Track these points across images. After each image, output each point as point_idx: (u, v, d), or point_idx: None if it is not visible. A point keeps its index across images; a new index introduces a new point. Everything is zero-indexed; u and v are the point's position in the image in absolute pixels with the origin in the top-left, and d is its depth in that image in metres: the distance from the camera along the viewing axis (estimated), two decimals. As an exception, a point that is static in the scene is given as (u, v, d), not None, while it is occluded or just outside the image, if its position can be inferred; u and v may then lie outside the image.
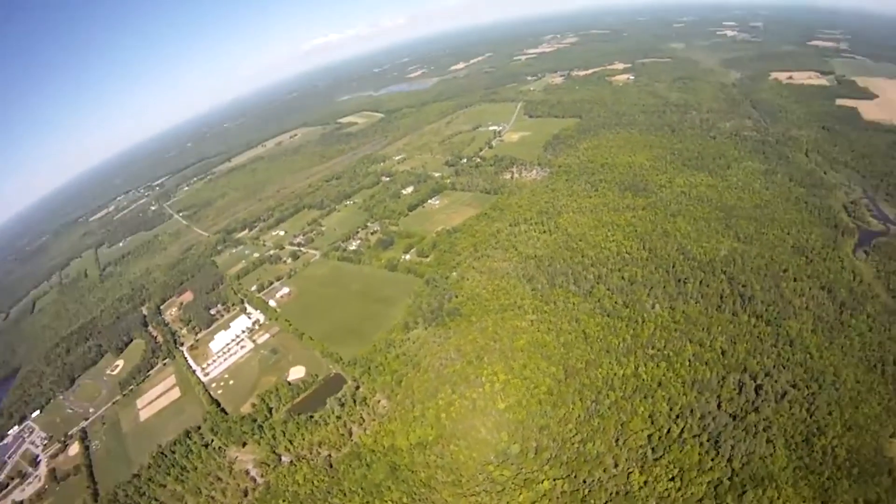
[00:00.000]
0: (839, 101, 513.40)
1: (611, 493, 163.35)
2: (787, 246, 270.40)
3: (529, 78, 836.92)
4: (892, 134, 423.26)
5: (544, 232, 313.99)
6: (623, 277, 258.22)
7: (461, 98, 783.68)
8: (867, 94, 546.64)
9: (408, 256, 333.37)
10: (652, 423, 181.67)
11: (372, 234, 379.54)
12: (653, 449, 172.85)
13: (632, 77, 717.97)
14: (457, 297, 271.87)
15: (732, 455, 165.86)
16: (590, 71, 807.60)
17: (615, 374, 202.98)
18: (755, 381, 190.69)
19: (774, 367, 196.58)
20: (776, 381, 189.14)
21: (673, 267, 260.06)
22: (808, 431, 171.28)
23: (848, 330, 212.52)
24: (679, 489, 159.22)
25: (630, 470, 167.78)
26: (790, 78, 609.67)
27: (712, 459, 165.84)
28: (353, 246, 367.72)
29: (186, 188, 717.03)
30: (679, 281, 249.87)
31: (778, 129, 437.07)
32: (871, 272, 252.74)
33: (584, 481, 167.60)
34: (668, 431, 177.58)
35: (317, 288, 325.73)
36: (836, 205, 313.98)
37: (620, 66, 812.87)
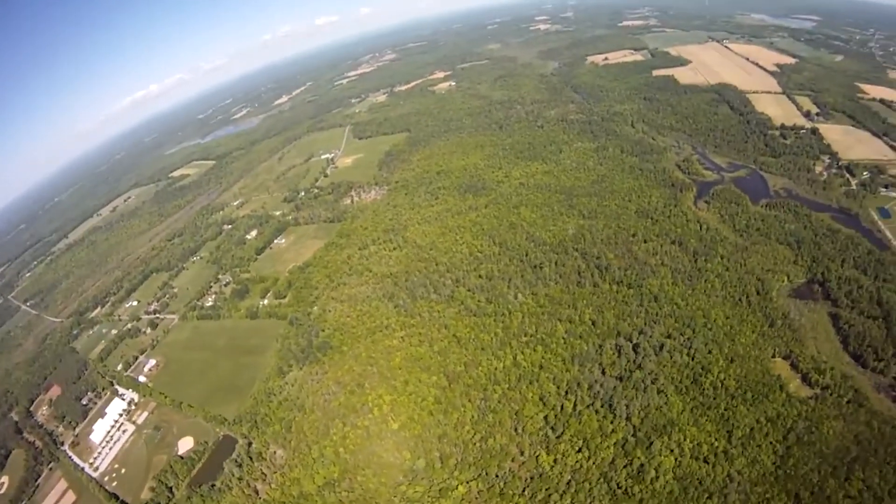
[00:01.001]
0: (656, 73, 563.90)
1: (525, 480, 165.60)
2: (631, 212, 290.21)
3: (353, 100, 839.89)
4: (709, 93, 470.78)
5: (394, 249, 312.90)
6: (481, 276, 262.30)
7: (289, 131, 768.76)
8: (681, 62, 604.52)
9: (266, 301, 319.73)
10: (544, 404, 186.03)
11: (225, 285, 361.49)
12: (552, 428, 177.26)
13: (453, 83, 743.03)
14: (323, 331, 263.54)
15: (629, 413, 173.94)
16: (412, 84, 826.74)
17: (496, 369, 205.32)
18: (631, 342, 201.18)
19: (646, 324, 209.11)
20: (651, 337, 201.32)
21: (526, 255, 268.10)
22: (694, 373, 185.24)
23: (706, 274, 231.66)
24: (588, 458, 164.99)
25: (537, 454, 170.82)
26: (606, 59, 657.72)
27: (612, 422, 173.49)
28: (209, 302, 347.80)
29: (28, 274, 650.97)
30: (535, 267, 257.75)
31: (602, 108, 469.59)
32: (716, 218, 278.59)
33: (497, 475, 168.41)
34: (563, 408, 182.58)
35: (183, 353, 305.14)
36: (669, 166, 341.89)
37: (441, 74, 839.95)
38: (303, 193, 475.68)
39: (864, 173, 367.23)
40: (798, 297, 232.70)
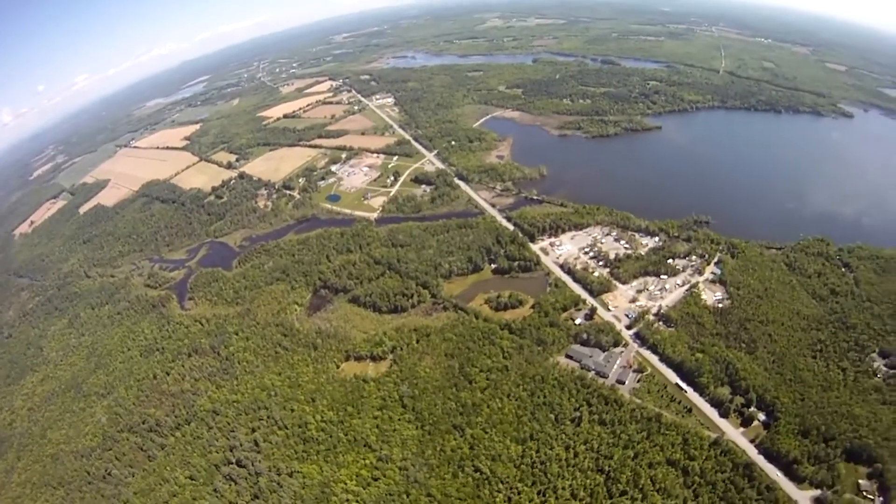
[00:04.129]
0: (83, 210, 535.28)
1: None
2: (136, 357, 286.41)
3: None
4: (139, 199, 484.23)
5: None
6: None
7: None
8: (101, 185, 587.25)
9: None
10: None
11: None
12: None
13: None
14: None
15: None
16: None
17: None
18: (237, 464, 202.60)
19: (230, 440, 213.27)
20: (242, 446, 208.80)
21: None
22: (299, 435, 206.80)
23: (235, 357, 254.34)
24: None
25: None
26: (32, 223, 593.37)
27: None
28: None
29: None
30: (106, 476, 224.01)
31: (52, 278, 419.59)
32: (206, 305, 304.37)
33: None
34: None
35: None
36: (139, 291, 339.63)
37: None
38: None
39: (300, 180, 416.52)
40: (315, 308, 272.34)
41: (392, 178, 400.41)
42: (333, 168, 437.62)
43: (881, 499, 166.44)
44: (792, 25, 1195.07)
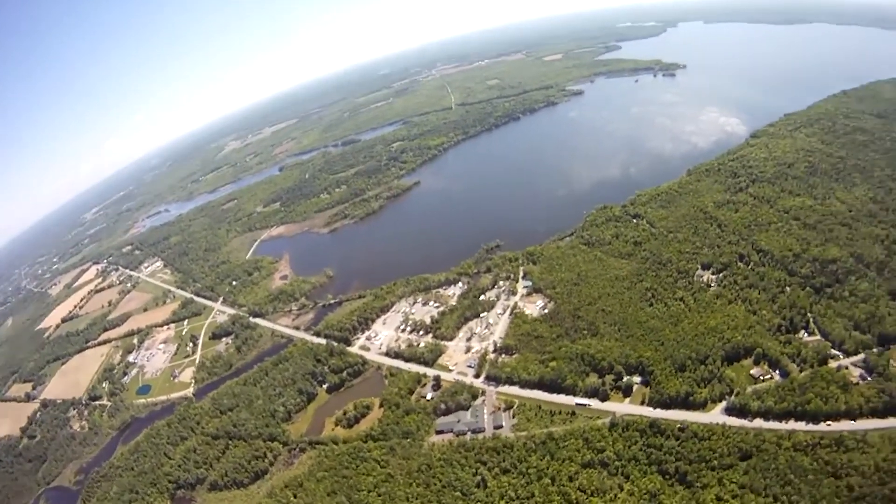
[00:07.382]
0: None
1: None
2: None
3: None
4: None
5: None
6: None
7: None
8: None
9: None
10: None
11: None
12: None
13: None
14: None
15: None
16: None
17: None
18: None
19: None
20: None
21: None
22: None
23: None
24: None
25: None
26: None
27: None
28: None
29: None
30: None
31: None
32: None
33: None
34: None
35: None
36: None
37: None
38: None
39: (104, 385, 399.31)
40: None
41: (191, 344, 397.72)
42: (131, 358, 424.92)
43: (776, 371, 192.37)
44: (502, 40, 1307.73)
